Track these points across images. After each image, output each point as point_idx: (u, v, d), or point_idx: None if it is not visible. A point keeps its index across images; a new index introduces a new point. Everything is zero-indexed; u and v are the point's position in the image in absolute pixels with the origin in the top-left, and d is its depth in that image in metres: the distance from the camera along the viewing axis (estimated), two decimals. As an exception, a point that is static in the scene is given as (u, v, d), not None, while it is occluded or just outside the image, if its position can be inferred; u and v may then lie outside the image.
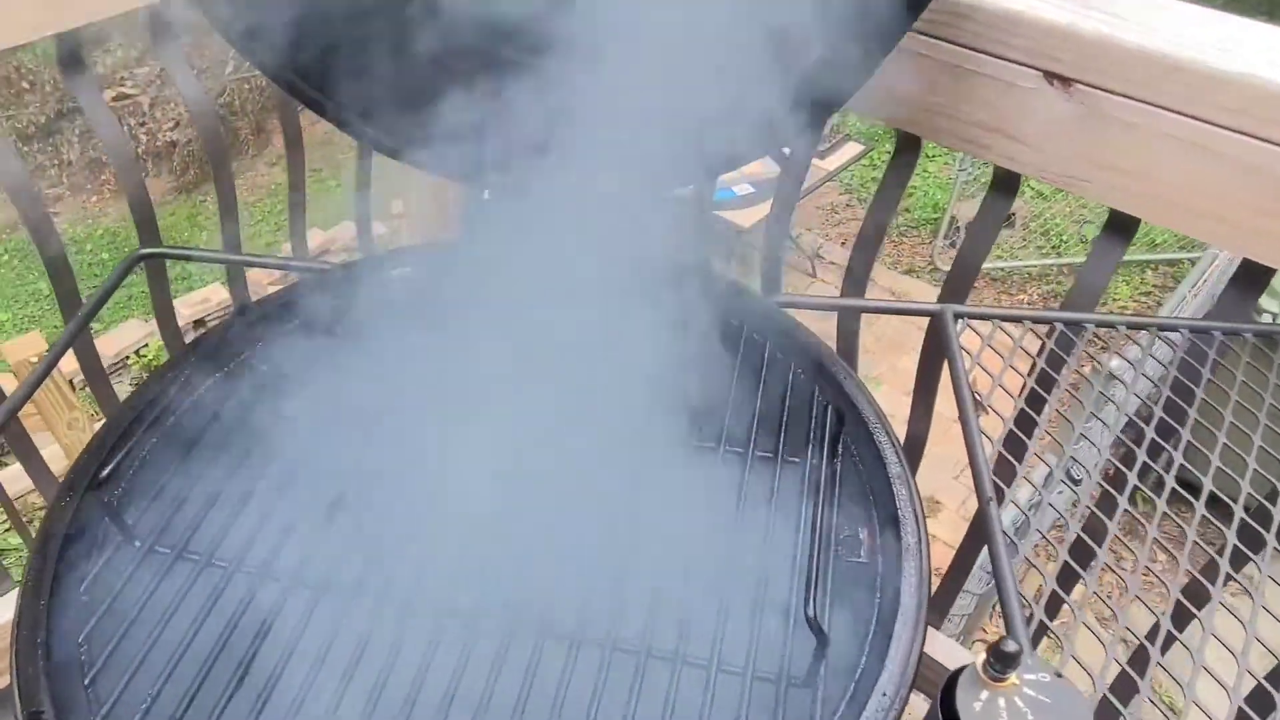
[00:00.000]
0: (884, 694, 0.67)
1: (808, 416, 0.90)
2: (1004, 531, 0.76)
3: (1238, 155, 0.92)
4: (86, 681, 0.71)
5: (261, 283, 5.19)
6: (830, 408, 0.87)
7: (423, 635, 0.74)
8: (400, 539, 0.79)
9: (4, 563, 1.79)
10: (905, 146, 1.21)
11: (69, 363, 4.33)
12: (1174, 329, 0.96)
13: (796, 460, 0.87)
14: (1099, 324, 0.99)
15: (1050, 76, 1.00)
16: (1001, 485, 0.84)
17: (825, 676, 0.70)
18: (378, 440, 0.84)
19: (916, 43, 1.05)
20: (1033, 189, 5.96)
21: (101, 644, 0.73)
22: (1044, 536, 0.82)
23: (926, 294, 5.14)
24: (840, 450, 0.84)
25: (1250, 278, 1.00)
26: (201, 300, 5.10)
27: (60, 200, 6.90)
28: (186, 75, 1.51)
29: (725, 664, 0.72)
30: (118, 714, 0.69)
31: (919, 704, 1.18)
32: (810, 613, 0.67)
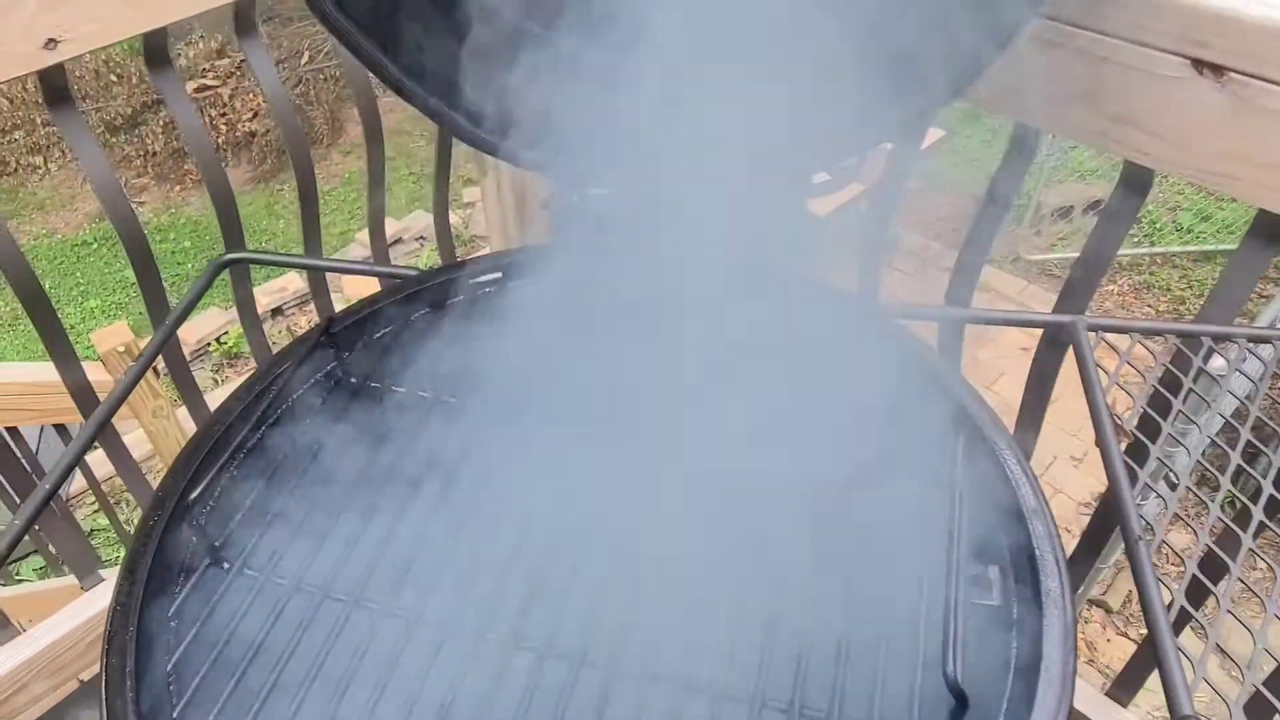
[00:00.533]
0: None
1: (931, 439, 0.83)
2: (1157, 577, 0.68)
3: None
4: (175, 715, 0.68)
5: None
6: (957, 432, 0.80)
7: (520, 677, 0.70)
8: (508, 575, 0.75)
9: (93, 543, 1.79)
10: (1021, 138, 1.13)
11: (187, 344, 4.35)
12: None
13: (920, 488, 0.81)
14: (1251, 339, 0.89)
15: (1200, 65, 0.91)
16: (1149, 521, 0.76)
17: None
18: (478, 461, 0.80)
19: (1046, 29, 0.97)
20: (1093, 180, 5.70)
21: (191, 673, 0.71)
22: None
23: (1010, 285, 4.95)
24: (967, 479, 0.77)
25: None
26: (279, 289, 5.19)
27: (145, 190, 7.11)
28: (268, 69, 1.49)
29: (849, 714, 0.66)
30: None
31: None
32: (950, 671, 0.61)
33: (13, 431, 3.05)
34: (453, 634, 0.72)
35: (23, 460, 2.88)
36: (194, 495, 0.76)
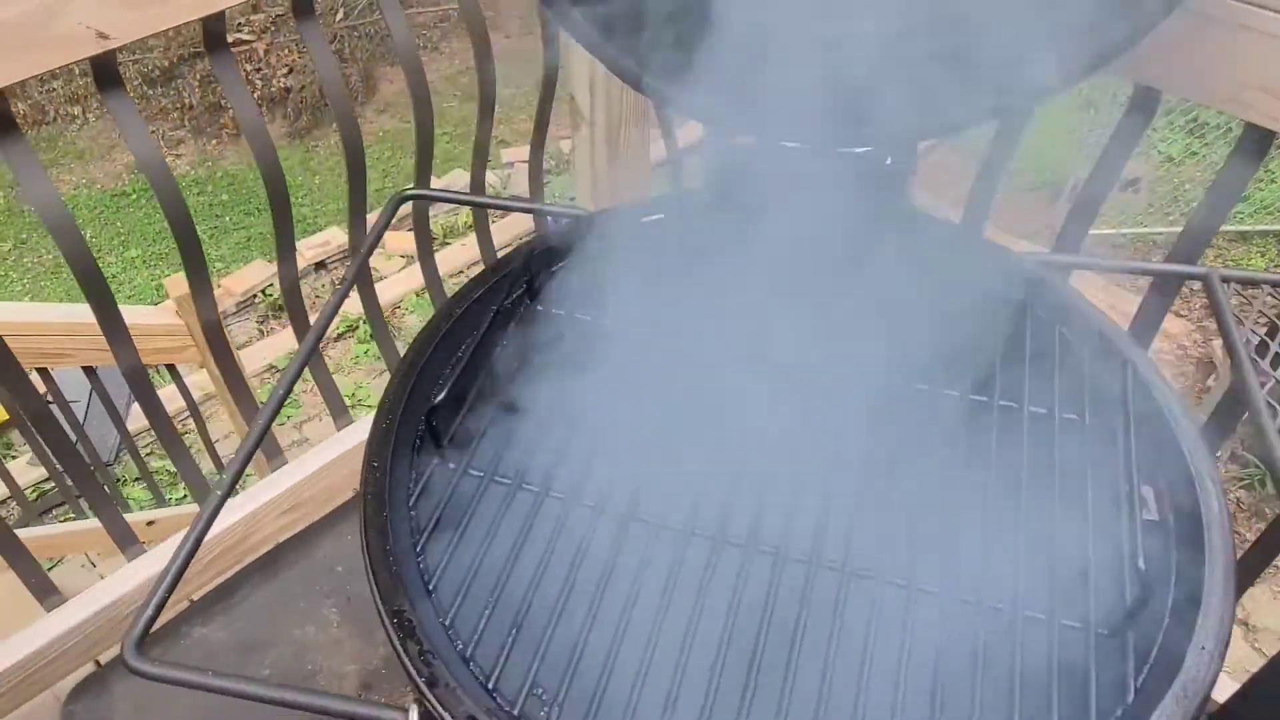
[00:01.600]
0: (1203, 647, 0.69)
1: (1079, 371, 0.91)
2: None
3: None
4: (430, 587, 0.77)
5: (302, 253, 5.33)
6: (1105, 361, 0.88)
7: (731, 566, 0.78)
8: (706, 474, 0.83)
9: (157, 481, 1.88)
10: (1141, 103, 1.19)
11: (234, 298, 4.44)
12: None
13: (1074, 417, 0.89)
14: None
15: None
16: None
17: (1137, 628, 0.72)
18: (675, 378, 0.88)
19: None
20: (1160, 152, 5.72)
21: (435, 557, 0.79)
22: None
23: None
24: (1117, 407, 0.85)
25: None
26: (322, 243, 5.26)
27: (181, 143, 7.16)
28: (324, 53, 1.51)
29: (1027, 610, 0.74)
30: (462, 615, 0.75)
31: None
32: (1141, 563, 0.69)
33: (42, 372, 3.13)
34: (670, 532, 0.81)
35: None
36: (433, 401, 0.84)
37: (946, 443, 0.85)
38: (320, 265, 5.25)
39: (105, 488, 1.71)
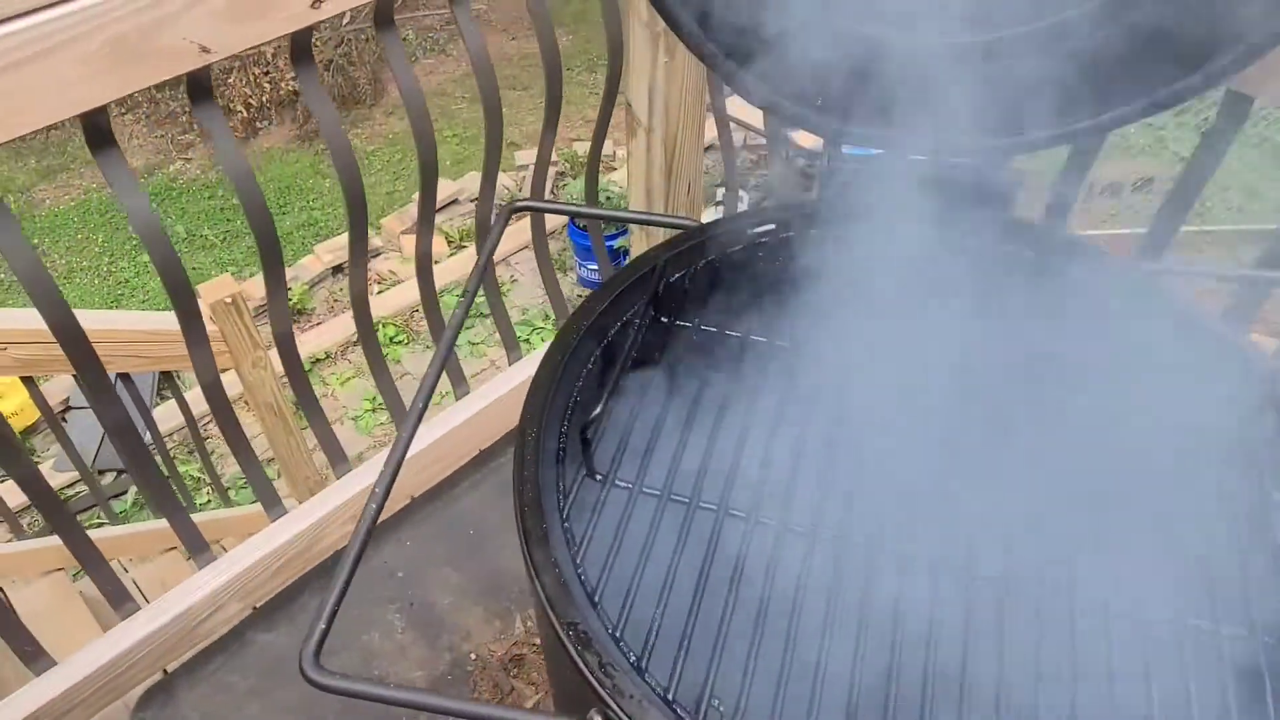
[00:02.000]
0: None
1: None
2: None
3: None
4: (595, 600, 0.78)
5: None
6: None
7: (884, 576, 0.79)
8: (856, 486, 0.84)
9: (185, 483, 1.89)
10: (1233, 106, 1.20)
11: (253, 301, 4.46)
12: None
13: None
14: None
15: None
16: None
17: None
18: (830, 388, 0.89)
19: None
20: (1171, 151, 5.75)
21: (594, 568, 0.80)
22: None
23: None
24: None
25: None
26: (340, 246, 5.26)
27: (191, 147, 7.14)
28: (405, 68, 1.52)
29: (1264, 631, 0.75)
30: (633, 623, 0.76)
31: None
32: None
33: (124, 378, 3.16)
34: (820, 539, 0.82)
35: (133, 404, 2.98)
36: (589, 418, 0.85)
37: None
38: (338, 269, 5.25)
39: (178, 493, 1.71)
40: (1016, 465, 0.80)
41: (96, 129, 1.20)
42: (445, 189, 5.67)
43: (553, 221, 5.25)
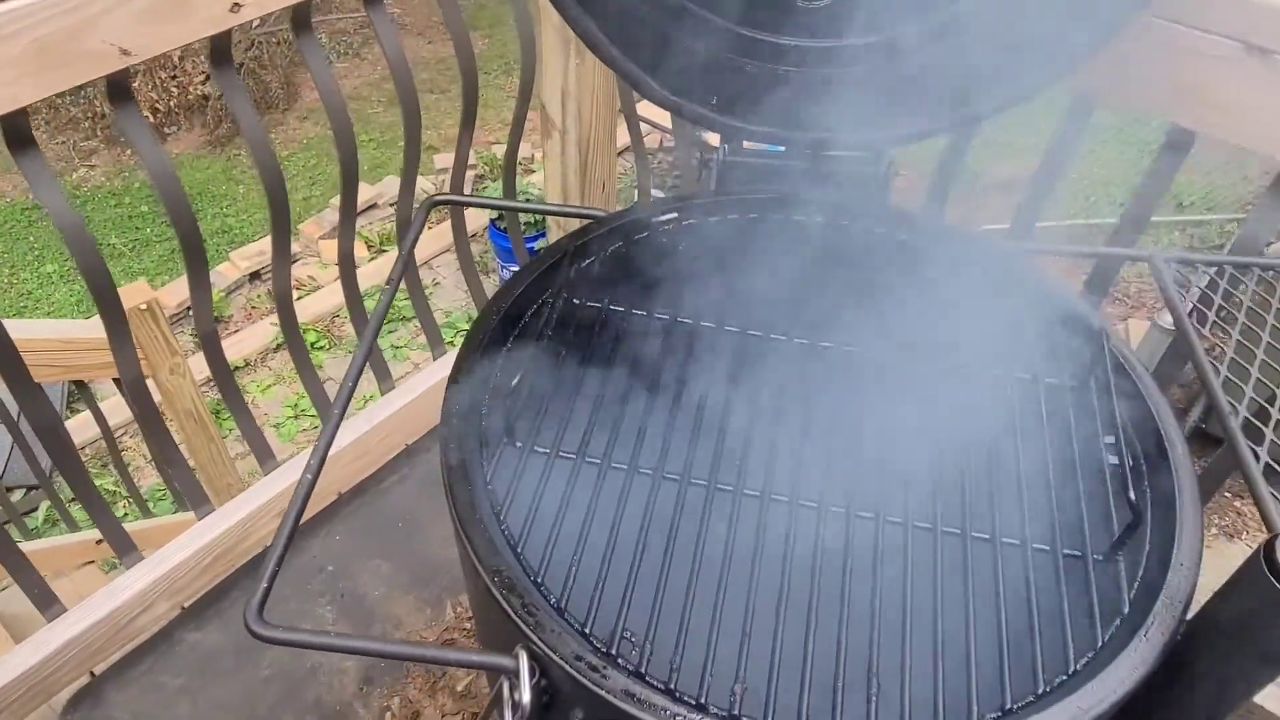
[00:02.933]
0: (1182, 564, 0.83)
1: (1063, 343, 1.05)
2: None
3: None
4: (518, 551, 0.86)
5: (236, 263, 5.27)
6: (1085, 336, 1.02)
7: (782, 519, 0.89)
8: (741, 445, 0.94)
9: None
10: (1176, 140, 1.32)
11: (168, 309, 4.42)
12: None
13: (1056, 381, 1.03)
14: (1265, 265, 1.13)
15: (1249, 47, 1.14)
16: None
17: (1128, 553, 0.86)
18: (723, 359, 0.99)
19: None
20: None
21: (516, 523, 0.88)
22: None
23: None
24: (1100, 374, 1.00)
25: None
26: (257, 253, 5.19)
27: (94, 154, 6.93)
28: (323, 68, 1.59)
29: (1036, 543, 0.88)
30: (553, 570, 0.84)
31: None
32: (1131, 495, 0.83)
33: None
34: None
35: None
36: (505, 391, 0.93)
37: (963, 406, 0.98)
38: (255, 275, 5.18)
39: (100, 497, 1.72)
40: (854, 412, 0.92)
41: (17, 131, 1.23)
42: (364, 193, 5.64)
43: (474, 224, 5.28)
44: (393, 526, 2.06)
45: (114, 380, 3.21)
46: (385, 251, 5.39)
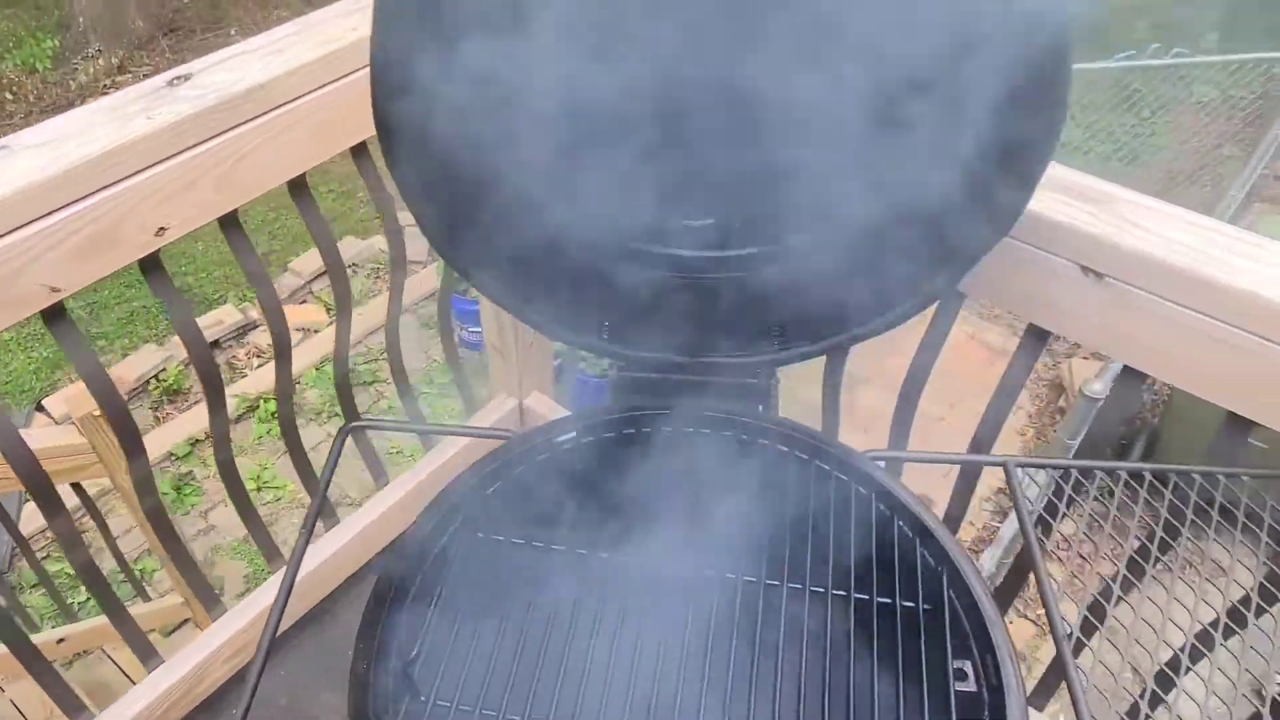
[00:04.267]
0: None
1: (895, 561, 1.16)
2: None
3: (1235, 342, 1.19)
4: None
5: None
6: (923, 554, 1.14)
7: None
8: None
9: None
10: (949, 305, 1.45)
11: (125, 386, 4.46)
12: (1188, 474, 1.23)
13: (889, 601, 1.14)
14: (1132, 473, 1.26)
15: (1086, 270, 1.26)
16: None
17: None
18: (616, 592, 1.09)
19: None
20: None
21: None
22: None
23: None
24: (932, 591, 1.11)
25: (1236, 427, 1.27)
26: (215, 322, 5.23)
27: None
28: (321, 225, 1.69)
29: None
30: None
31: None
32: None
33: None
34: None
35: None
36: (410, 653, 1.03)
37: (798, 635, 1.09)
38: (214, 344, 5.22)
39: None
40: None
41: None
42: (313, 257, 5.70)
43: (429, 284, 5.37)
44: (343, 657, 2.13)
45: (72, 486, 3.27)
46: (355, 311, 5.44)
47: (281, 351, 1.76)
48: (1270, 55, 5.72)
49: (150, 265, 1.50)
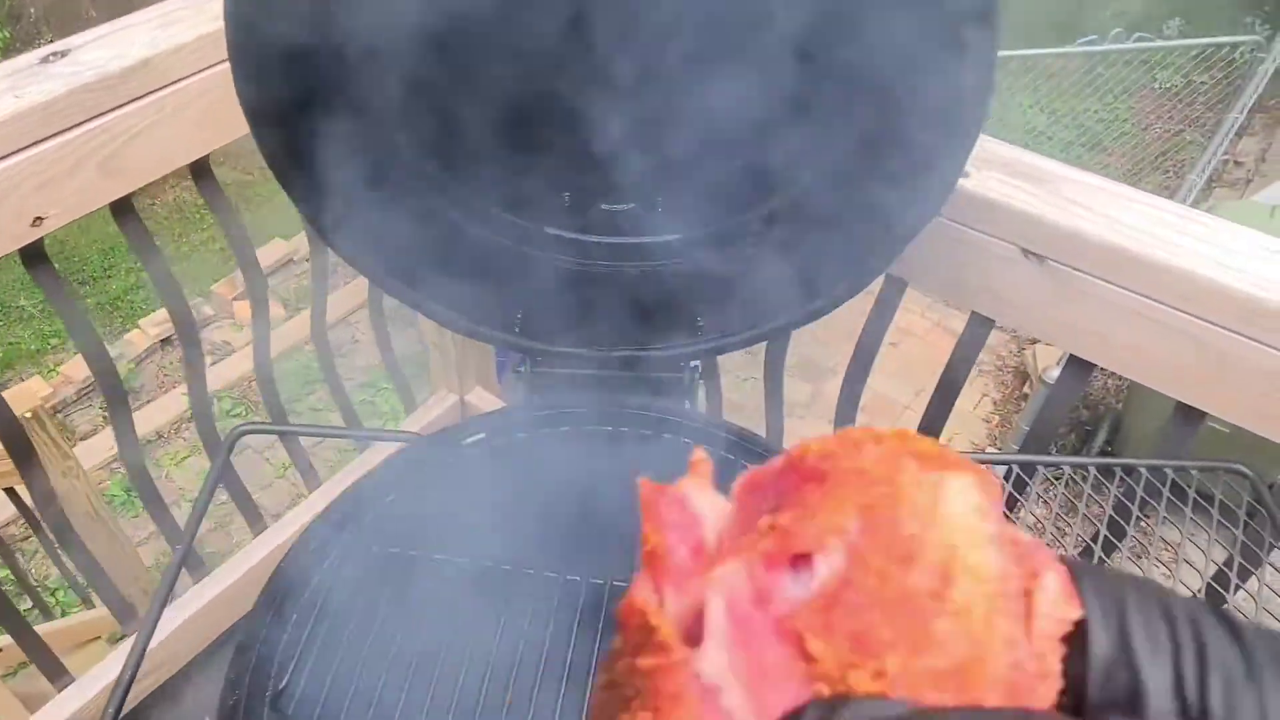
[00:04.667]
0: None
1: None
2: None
3: (1180, 327, 1.12)
4: None
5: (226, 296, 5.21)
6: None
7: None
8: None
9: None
10: (889, 296, 1.38)
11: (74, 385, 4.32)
12: (1133, 469, 1.17)
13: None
14: (1049, 464, 1.19)
15: (1026, 252, 1.19)
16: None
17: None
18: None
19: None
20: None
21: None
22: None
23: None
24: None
25: (1186, 418, 1.20)
26: (164, 320, 5.09)
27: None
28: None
29: None
30: None
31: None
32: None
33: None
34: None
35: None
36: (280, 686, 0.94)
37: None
38: (166, 341, 5.09)
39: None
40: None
41: None
42: (277, 250, 5.57)
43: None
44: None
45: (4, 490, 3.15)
46: (301, 310, 5.32)
47: (194, 369, 1.64)
48: (1231, 39, 5.70)
49: (33, 258, 1.39)
